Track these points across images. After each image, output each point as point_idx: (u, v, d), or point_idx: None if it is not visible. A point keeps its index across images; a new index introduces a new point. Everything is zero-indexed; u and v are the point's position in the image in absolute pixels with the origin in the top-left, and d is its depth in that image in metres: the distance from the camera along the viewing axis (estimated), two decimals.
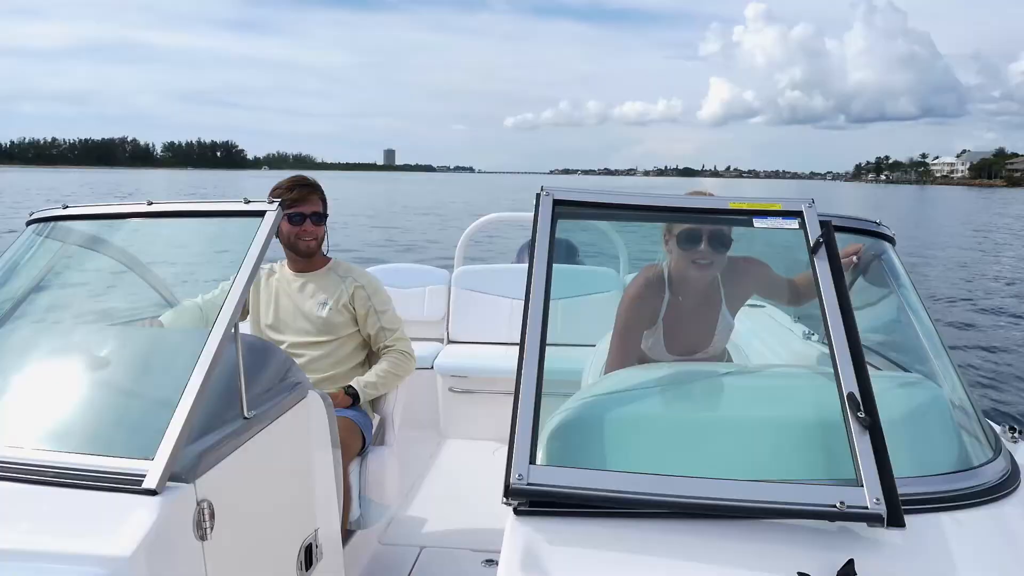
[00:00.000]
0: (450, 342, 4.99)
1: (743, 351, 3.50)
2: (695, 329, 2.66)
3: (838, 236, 1.85)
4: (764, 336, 4.31)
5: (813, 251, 1.82)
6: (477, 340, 4.95)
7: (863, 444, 1.52)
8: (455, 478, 4.16)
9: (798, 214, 1.90)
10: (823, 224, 1.86)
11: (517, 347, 3.72)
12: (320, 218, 3.10)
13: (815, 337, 3.87)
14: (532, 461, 1.51)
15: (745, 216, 1.92)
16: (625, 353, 2.56)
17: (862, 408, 1.56)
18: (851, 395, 1.59)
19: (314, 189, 3.10)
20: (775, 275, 2.65)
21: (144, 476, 1.63)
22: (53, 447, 1.76)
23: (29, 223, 2.48)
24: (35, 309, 2.49)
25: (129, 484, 1.63)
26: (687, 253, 2.46)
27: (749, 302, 5.13)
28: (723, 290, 2.62)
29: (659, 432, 1.74)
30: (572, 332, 2.43)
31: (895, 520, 1.44)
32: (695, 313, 2.64)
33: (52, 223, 2.47)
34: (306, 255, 3.13)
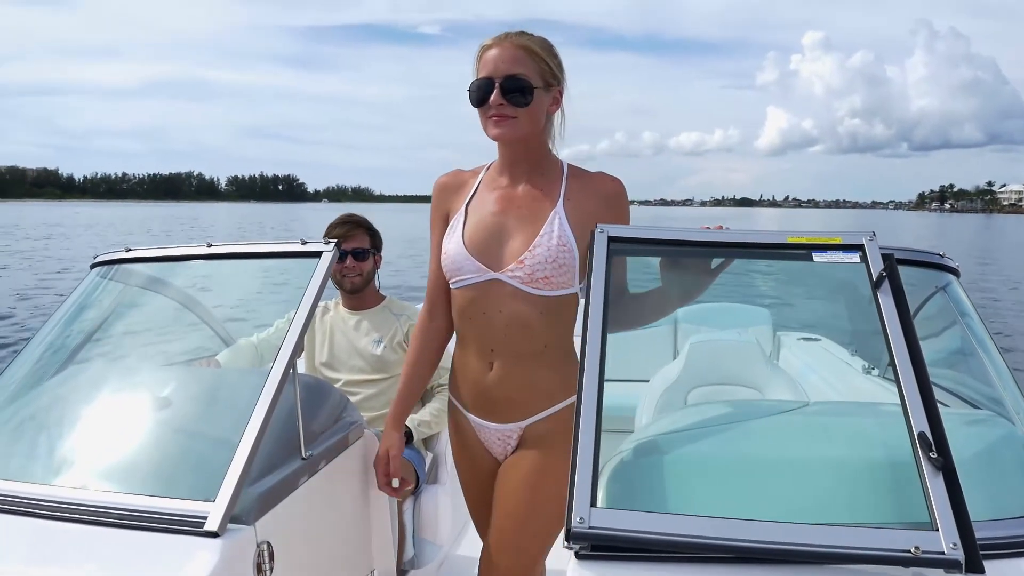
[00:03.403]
0: None
1: (800, 387, 3.42)
2: (501, 223, 2.02)
3: (901, 269, 1.79)
4: (821, 371, 4.21)
5: (876, 285, 1.77)
6: None
7: (937, 486, 1.46)
8: None
9: (859, 247, 1.85)
10: (885, 257, 1.81)
11: None
12: (363, 254, 3.11)
13: (875, 372, 3.77)
14: (593, 504, 1.48)
15: (804, 250, 1.88)
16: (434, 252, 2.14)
17: (934, 448, 1.50)
18: (922, 434, 1.53)
19: (358, 225, 3.13)
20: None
21: (206, 518, 1.64)
22: (117, 488, 1.79)
23: (93, 266, 2.55)
24: (98, 350, 2.55)
25: (191, 526, 1.64)
26: (482, 112, 1.97)
27: (804, 335, 5.03)
28: (564, 191, 2.02)
29: (722, 473, 1.70)
30: (622, 367, 2.40)
31: (974, 566, 1.37)
32: (507, 202, 2.03)
33: (115, 265, 2.53)
34: (351, 291, 3.15)
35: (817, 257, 1.86)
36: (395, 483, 2.18)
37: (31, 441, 2.07)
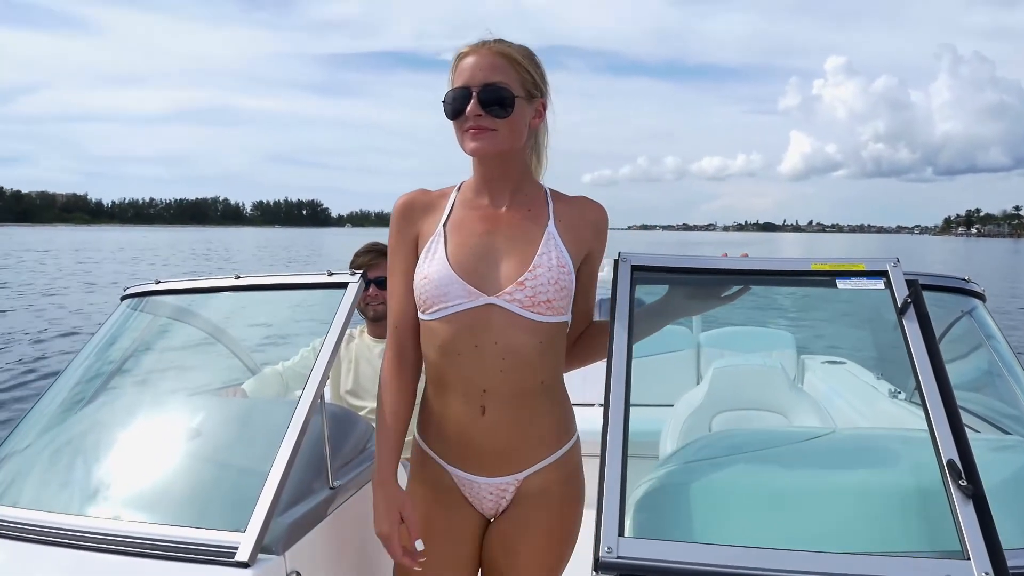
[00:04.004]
0: None
1: (826, 411, 3.39)
2: (489, 243, 1.80)
3: (926, 294, 1.79)
4: (846, 395, 4.16)
5: (901, 312, 1.76)
6: None
7: (967, 514, 1.45)
8: None
9: (883, 274, 1.84)
10: (910, 283, 1.80)
11: (590, 408, 3.66)
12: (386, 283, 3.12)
13: (902, 396, 3.72)
14: (621, 533, 1.48)
15: (828, 277, 1.88)
16: (393, 285, 1.88)
17: (964, 475, 1.49)
18: (951, 462, 1.52)
19: (382, 254, 3.13)
20: (594, 264, 1.92)
21: (237, 548, 1.65)
22: (149, 519, 1.81)
23: (123, 298, 2.59)
24: (128, 381, 2.59)
25: (222, 556, 1.65)
26: (458, 125, 1.77)
27: (828, 359, 4.98)
28: (552, 213, 1.84)
29: (751, 501, 1.69)
30: (645, 392, 2.41)
31: None
32: (493, 223, 1.82)
33: (145, 298, 2.58)
34: (375, 319, 3.16)
35: (841, 284, 1.85)
36: (419, 544, 1.77)
37: (63, 471, 2.09)
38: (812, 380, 4.75)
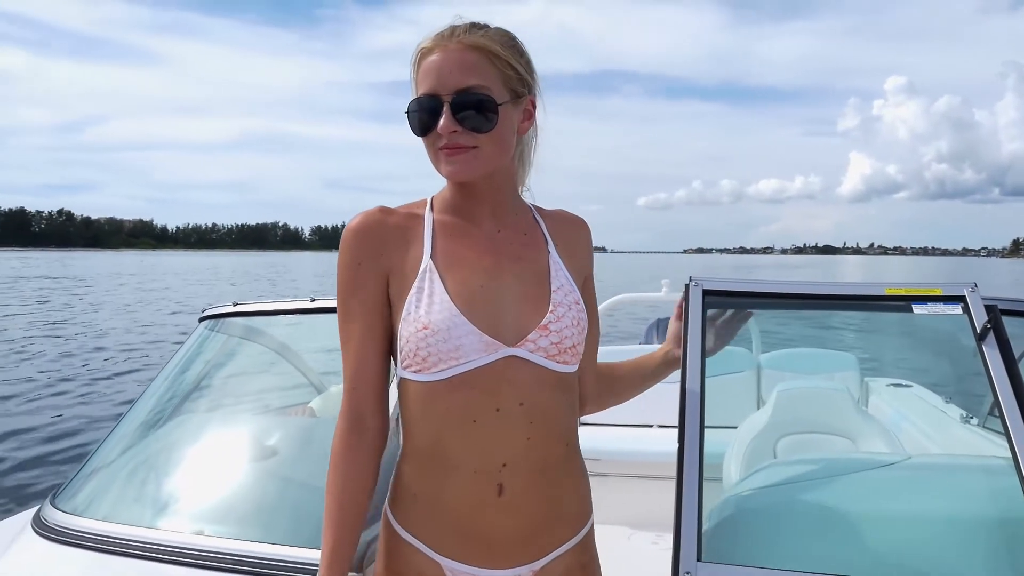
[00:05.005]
0: (581, 424, 4.94)
1: (894, 436, 3.31)
2: (495, 279, 1.42)
3: (1006, 321, 1.75)
4: (915, 419, 4.06)
5: (980, 338, 1.72)
6: (608, 422, 4.88)
7: None
8: None
9: (960, 299, 1.81)
10: (989, 308, 1.77)
11: (649, 429, 3.62)
12: None
13: (974, 421, 3.61)
14: (699, 558, 1.47)
15: (903, 302, 1.85)
16: (348, 333, 1.43)
17: None
18: None
19: None
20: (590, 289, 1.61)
21: (317, 566, 1.69)
22: (229, 534, 1.86)
23: (202, 319, 2.68)
24: (205, 399, 2.67)
25: (302, 572, 1.68)
26: (429, 143, 1.40)
27: (893, 382, 4.86)
28: (548, 235, 1.52)
29: (827, 528, 1.66)
30: (707, 414, 2.39)
31: None
32: (493, 253, 1.45)
33: (221, 319, 2.66)
34: None
35: (917, 309, 1.82)
36: None
37: (146, 487, 2.18)
38: (877, 403, 4.64)
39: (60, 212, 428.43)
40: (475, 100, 1.34)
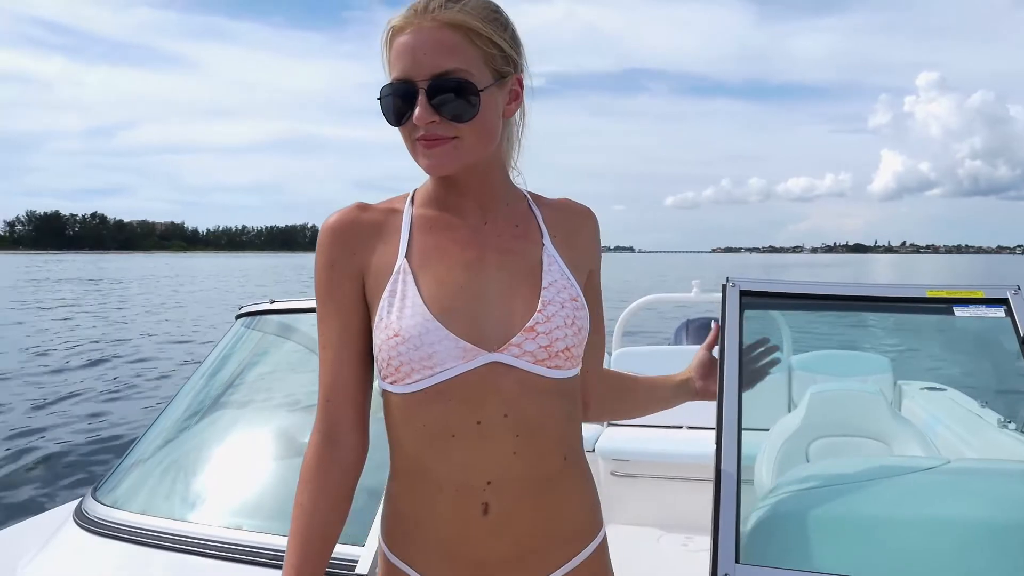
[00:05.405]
0: (610, 425, 4.94)
1: (930, 440, 3.28)
2: (477, 278, 1.27)
3: None
4: (950, 423, 4.00)
5: None
6: (637, 423, 4.87)
7: None
8: (621, 566, 4.05)
9: (1003, 301, 1.78)
10: None
11: (679, 430, 3.60)
12: None
13: (1012, 426, 3.56)
14: (737, 560, 1.46)
15: (944, 304, 1.82)
16: (327, 336, 1.30)
17: None
18: None
19: None
20: (595, 287, 1.46)
21: (356, 562, 1.70)
22: (264, 529, 1.88)
23: (238, 316, 2.72)
24: (240, 395, 2.71)
25: (342, 569, 1.70)
26: (405, 133, 1.25)
27: (927, 385, 4.79)
28: (545, 226, 1.36)
29: (865, 532, 1.65)
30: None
31: None
32: (476, 247, 1.30)
33: (258, 316, 2.69)
34: None
35: (959, 312, 1.79)
36: None
37: (182, 481, 2.22)
38: (911, 407, 4.58)
39: (94, 215, 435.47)
40: (454, 86, 1.18)
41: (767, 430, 3.42)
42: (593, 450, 4.56)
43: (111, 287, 44.06)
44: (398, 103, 1.21)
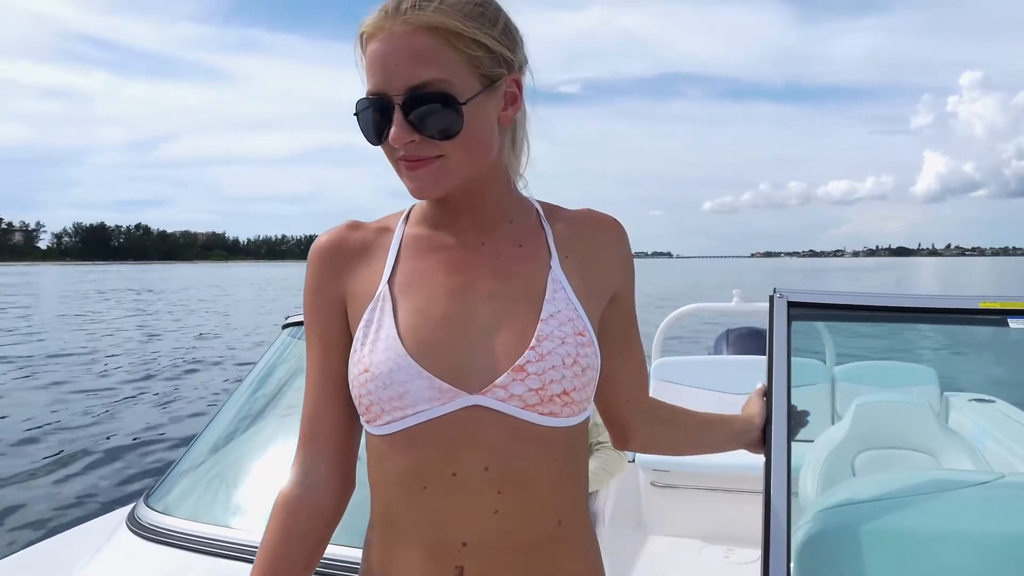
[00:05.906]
0: None
1: (979, 453, 3.22)
2: (464, 308, 1.10)
3: None
4: (1000, 436, 3.93)
5: None
6: None
7: None
8: None
9: None
10: None
11: None
12: None
13: None
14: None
15: (999, 316, 1.78)
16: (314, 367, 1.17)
17: None
18: None
19: None
20: (629, 304, 1.26)
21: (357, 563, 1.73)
22: None
23: (285, 327, 2.76)
24: (286, 405, 2.76)
25: (342, 570, 1.72)
26: (388, 151, 1.09)
27: (975, 396, 4.70)
28: (554, 245, 1.17)
29: (923, 548, 1.63)
30: None
31: None
32: (466, 271, 1.13)
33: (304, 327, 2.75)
34: None
35: (1014, 324, 1.74)
36: None
37: (231, 488, 2.28)
38: (958, 419, 4.51)
39: (138, 227, 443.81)
40: (432, 99, 1.02)
41: (811, 441, 3.39)
42: (634, 460, 4.55)
43: (155, 296, 44.95)
44: (376, 118, 1.06)
